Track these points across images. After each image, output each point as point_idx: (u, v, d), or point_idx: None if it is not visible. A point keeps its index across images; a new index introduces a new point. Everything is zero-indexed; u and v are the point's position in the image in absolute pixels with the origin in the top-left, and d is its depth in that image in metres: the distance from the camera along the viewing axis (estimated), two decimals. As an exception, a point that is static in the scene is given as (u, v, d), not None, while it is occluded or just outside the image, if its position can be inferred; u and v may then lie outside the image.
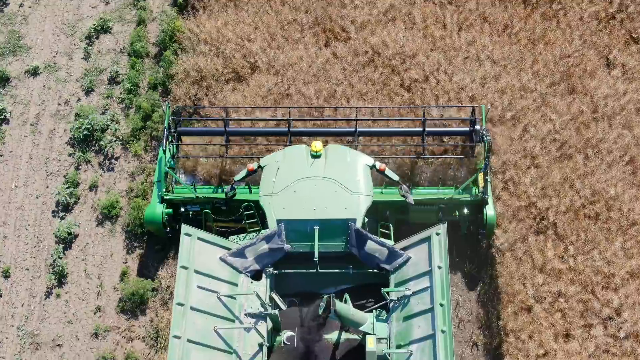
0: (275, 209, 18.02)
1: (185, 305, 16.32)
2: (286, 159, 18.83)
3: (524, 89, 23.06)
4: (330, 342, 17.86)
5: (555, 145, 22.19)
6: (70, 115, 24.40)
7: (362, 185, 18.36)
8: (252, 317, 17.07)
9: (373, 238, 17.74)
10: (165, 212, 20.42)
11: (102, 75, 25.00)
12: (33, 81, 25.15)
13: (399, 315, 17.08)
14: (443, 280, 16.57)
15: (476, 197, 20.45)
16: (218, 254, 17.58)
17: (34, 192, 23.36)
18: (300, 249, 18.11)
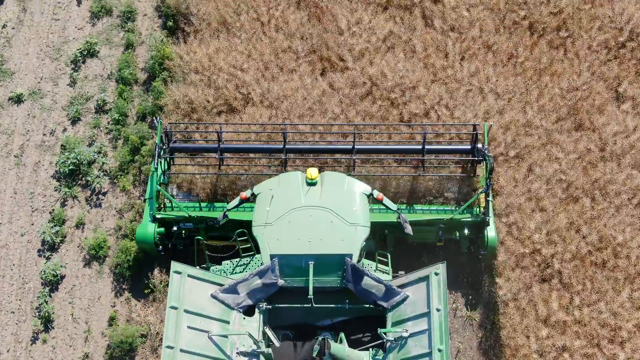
0: (269, 240, 17.44)
1: (174, 348, 15.82)
2: (281, 187, 18.20)
3: (529, 124, 22.08)
4: None
5: (561, 187, 21.28)
6: (55, 147, 23.38)
7: (359, 216, 17.76)
8: (245, 356, 16.65)
9: (370, 275, 17.21)
10: (157, 231, 19.94)
11: (88, 103, 23.95)
12: (17, 109, 24.09)
13: (395, 357, 16.63)
14: (442, 324, 16.06)
15: (477, 217, 19.95)
16: (209, 291, 17.02)
17: (18, 229, 22.42)
18: (295, 284, 17.61)
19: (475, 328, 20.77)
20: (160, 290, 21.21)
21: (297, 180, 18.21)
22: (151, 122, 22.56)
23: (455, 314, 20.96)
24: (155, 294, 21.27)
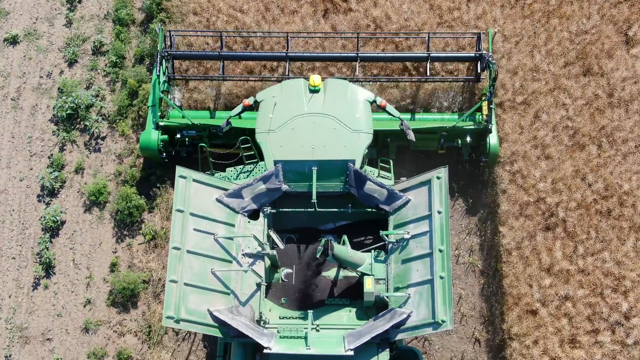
0: (273, 147, 17.28)
1: (181, 249, 15.77)
2: (283, 94, 17.85)
3: (537, 69, 21.48)
4: (329, 279, 17.50)
5: (567, 134, 20.82)
6: (53, 90, 22.79)
7: (362, 123, 17.47)
8: (250, 257, 16.65)
9: (372, 179, 17.10)
10: (161, 138, 20.05)
11: (85, 44, 23.25)
12: (13, 51, 23.41)
13: (397, 258, 16.66)
14: (443, 226, 15.97)
15: (479, 125, 19.94)
16: (214, 195, 16.88)
17: (17, 174, 22.03)
18: (298, 189, 17.49)
19: (477, 275, 20.58)
20: (161, 236, 20.95)
21: (300, 87, 17.88)
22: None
23: (457, 261, 20.77)
24: (156, 240, 20.98)
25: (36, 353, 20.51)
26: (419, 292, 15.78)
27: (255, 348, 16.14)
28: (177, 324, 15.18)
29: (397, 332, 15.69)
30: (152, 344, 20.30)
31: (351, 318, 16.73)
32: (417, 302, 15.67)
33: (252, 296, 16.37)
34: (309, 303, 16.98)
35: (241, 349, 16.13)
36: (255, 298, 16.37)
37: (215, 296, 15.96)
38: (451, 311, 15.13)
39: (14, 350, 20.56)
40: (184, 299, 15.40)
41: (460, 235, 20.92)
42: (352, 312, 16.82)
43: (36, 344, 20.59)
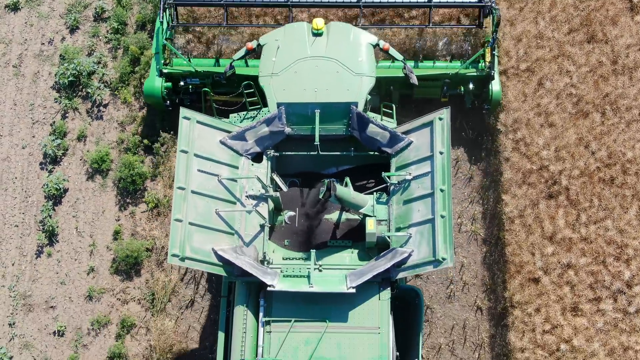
0: (276, 90, 17.23)
1: (186, 189, 15.86)
2: (286, 37, 17.71)
3: (541, 36, 21.18)
4: (331, 221, 17.60)
5: (571, 101, 20.59)
6: (54, 57, 22.52)
7: (364, 66, 17.35)
8: (254, 199, 16.78)
9: (375, 122, 17.06)
10: (165, 85, 20.06)
11: (86, 10, 22.93)
12: (14, 17, 23.11)
13: (399, 199, 16.71)
14: (444, 166, 15.96)
15: (482, 72, 19.79)
16: (218, 137, 16.93)
17: (19, 141, 21.86)
18: (301, 132, 17.50)
19: (479, 243, 20.48)
20: (164, 204, 20.83)
21: (303, 30, 17.73)
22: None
23: (459, 229, 20.65)
24: (159, 209, 20.86)
25: (40, 321, 20.51)
26: (420, 231, 15.86)
27: (258, 287, 16.19)
28: (182, 262, 15.38)
29: (398, 271, 15.82)
30: (156, 312, 20.26)
31: (353, 259, 16.88)
32: (418, 242, 15.77)
33: (255, 237, 16.51)
34: (311, 245, 17.08)
35: (245, 288, 16.16)
36: (259, 239, 16.52)
37: (219, 236, 16.09)
38: (452, 249, 15.24)
39: (17, 318, 20.55)
40: (188, 237, 15.53)
41: (462, 204, 20.78)
42: (354, 254, 16.96)
43: (39, 312, 20.58)
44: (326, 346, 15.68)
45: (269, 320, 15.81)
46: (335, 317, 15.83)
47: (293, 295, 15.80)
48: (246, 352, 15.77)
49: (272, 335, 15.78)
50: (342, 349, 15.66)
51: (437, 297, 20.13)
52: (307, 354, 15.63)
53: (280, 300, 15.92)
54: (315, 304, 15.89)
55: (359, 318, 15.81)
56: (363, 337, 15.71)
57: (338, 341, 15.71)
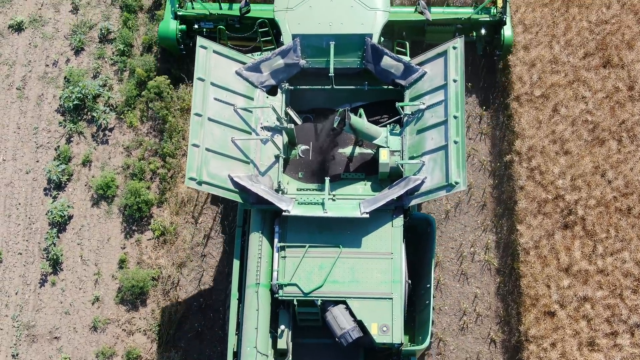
0: (291, 23, 17.13)
1: (202, 116, 15.74)
2: None
3: (555, 60, 20.15)
4: (344, 155, 17.42)
5: (587, 128, 19.55)
6: (59, 79, 21.44)
7: (378, 0, 17.29)
8: (268, 130, 16.68)
9: (389, 53, 16.86)
10: (179, 28, 19.79)
11: (92, 31, 21.84)
12: (18, 38, 22.02)
13: (412, 129, 16.49)
14: (458, 93, 15.74)
15: (494, 17, 19.29)
16: (234, 68, 16.74)
17: (23, 166, 20.80)
18: (316, 65, 17.34)
19: (493, 273, 19.45)
20: (171, 232, 19.77)
21: None
22: None
23: (473, 258, 19.61)
24: (165, 236, 19.80)
25: (43, 352, 19.48)
26: (433, 158, 15.67)
27: (273, 215, 16.13)
28: (199, 185, 15.27)
29: (411, 198, 15.77)
30: (162, 343, 19.21)
31: (366, 190, 16.78)
32: (432, 168, 15.60)
33: (270, 167, 16.41)
34: (325, 177, 16.78)
35: (260, 216, 16.06)
36: (273, 169, 16.41)
37: (235, 163, 15.96)
38: (464, 173, 15.09)
39: (21, 349, 19.54)
40: (205, 163, 15.41)
41: (475, 232, 19.73)
42: (367, 185, 16.87)
43: (43, 343, 19.55)
44: (340, 271, 15.66)
45: (284, 245, 15.80)
46: (348, 243, 15.82)
47: (307, 221, 15.77)
48: (261, 277, 15.69)
49: (286, 260, 15.77)
50: (355, 273, 15.64)
51: (449, 329, 19.07)
52: (321, 278, 15.59)
53: (294, 227, 15.90)
54: (329, 230, 15.87)
55: (372, 244, 15.80)
56: (376, 262, 15.69)
57: (351, 266, 15.68)
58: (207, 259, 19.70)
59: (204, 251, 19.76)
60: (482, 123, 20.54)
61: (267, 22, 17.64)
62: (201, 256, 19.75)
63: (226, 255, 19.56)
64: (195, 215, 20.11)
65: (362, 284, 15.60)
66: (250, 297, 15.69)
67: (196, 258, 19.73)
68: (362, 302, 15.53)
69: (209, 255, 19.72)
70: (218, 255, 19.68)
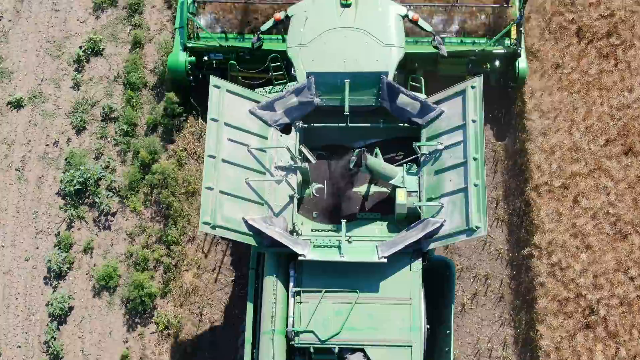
0: (304, 60, 16.56)
1: (216, 158, 15.22)
2: (315, 8, 16.98)
3: (575, 148, 19.12)
4: (360, 194, 16.80)
5: (608, 221, 18.53)
6: (59, 159, 20.37)
7: (394, 37, 16.65)
8: (282, 170, 16.19)
9: (405, 91, 16.26)
10: (189, 60, 19.24)
11: (94, 109, 20.77)
12: (17, 115, 20.94)
13: (430, 169, 15.89)
14: (477, 134, 15.17)
15: (509, 49, 18.76)
16: (247, 107, 16.25)
17: (22, 253, 19.75)
18: (331, 103, 16.73)
19: None
20: (175, 325, 18.69)
21: (332, 1, 16.97)
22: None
23: (490, 355, 18.55)
24: (169, 330, 18.74)
25: None
26: (453, 201, 15.10)
27: (288, 259, 15.53)
28: (213, 230, 14.76)
29: (430, 241, 15.16)
30: None
31: (383, 231, 16.15)
32: (451, 211, 15.01)
33: (284, 208, 15.93)
34: (340, 217, 16.22)
35: (274, 259, 15.46)
36: (288, 210, 15.94)
37: (249, 205, 15.49)
38: (485, 218, 14.48)
39: None
40: (219, 206, 14.92)
41: (493, 326, 18.71)
42: (384, 226, 16.23)
43: None
44: (357, 317, 15.04)
45: (300, 290, 15.19)
46: (366, 288, 15.19)
47: (323, 265, 15.16)
48: (276, 323, 15.12)
49: (302, 305, 15.15)
50: (373, 320, 15.03)
51: None
52: (338, 324, 14.97)
53: (310, 271, 15.31)
54: (346, 275, 15.24)
55: (390, 289, 15.20)
56: (394, 308, 15.09)
57: (369, 312, 15.08)
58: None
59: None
60: (499, 208, 19.48)
61: (279, 57, 17.06)
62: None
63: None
64: (200, 306, 19.06)
65: (380, 330, 14.94)
66: (266, 344, 15.05)
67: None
68: (380, 350, 14.89)
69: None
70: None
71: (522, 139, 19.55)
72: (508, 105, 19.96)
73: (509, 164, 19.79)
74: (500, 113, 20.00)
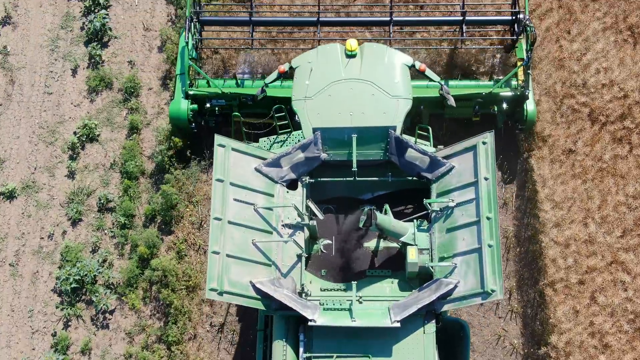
0: (310, 114, 16.08)
1: (222, 220, 14.79)
2: (319, 60, 16.52)
3: (591, 240, 18.17)
4: (369, 250, 16.26)
5: (627, 319, 17.67)
6: (55, 254, 19.43)
7: (401, 88, 16.17)
8: (290, 228, 15.66)
9: (414, 146, 15.79)
10: (190, 107, 18.72)
11: (90, 199, 19.80)
12: (10, 207, 19.97)
13: (441, 227, 15.34)
14: (490, 192, 14.66)
15: (516, 91, 18.30)
16: (253, 164, 15.81)
17: (18, 354, 18.89)
18: (337, 158, 16.26)
19: None
20: None
21: (336, 52, 16.54)
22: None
23: None
24: None
25: None
26: (466, 261, 14.57)
27: (297, 321, 14.95)
28: (221, 296, 14.27)
29: (443, 303, 14.53)
30: None
31: (394, 289, 15.64)
32: (464, 272, 14.48)
33: (292, 268, 15.41)
34: (349, 274, 15.86)
35: (283, 322, 14.87)
36: (296, 270, 15.42)
37: (257, 268, 14.98)
38: (501, 281, 13.93)
39: None
40: (226, 270, 14.46)
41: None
42: (395, 284, 15.71)
43: None
44: None
45: (310, 356, 14.57)
46: (378, 352, 14.64)
47: (334, 329, 14.57)
48: None
49: None
50: None
51: None
52: None
53: (320, 335, 14.75)
54: (357, 338, 14.66)
55: (403, 352, 14.60)
56: None
57: None
58: None
59: None
60: (512, 300, 18.58)
61: (283, 107, 16.60)
62: None
63: None
64: (204, 410, 18.18)
65: None
66: None
67: None
68: None
69: None
70: None
71: (535, 227, 18.67)
72: (521, 187, 19.11)
73: (521, 251, 18.92)
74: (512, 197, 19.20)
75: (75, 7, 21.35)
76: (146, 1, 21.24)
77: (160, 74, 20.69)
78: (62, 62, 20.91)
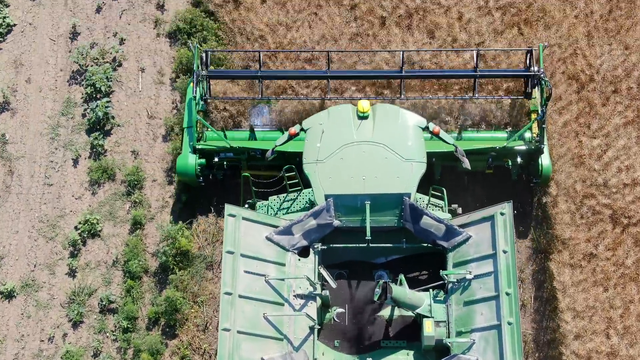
0: (322, 179, 15.80)
1: (233, 294, 14.59)
2: (331, 121, 16.28)
3: (614, 354, 17.32)
4: (383, 318, 16.02)
5: None
6: (55, 358, 18.62)
7: (414, 151, 15.95)
8: (302, 298, 15.31)
9: (429, 214, 15.52)
10: (198, 162, 18.23)
11: (91, 299, 18.94)
12: (8, 307, 19.11)
13: (458, 299, 15.05)
14: (509, 266, 14.44)
15: (531, 145, 17.81)
16: (264, 233, 15.56)
17: None
18: (350, 224, 15.98)
19: None
20: None
21: (348, 113, 16.27)
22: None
23: None
24: None
25: None
26: (485, 337, 14.30)
27: None
28: None
29: None
30: None
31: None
32: (483, 349, 14.20)
33: (304, 340, 15.01)
34: (363, 345, 15.57)
35: None
36: (308, 342, 15.02)
37: (268, 343, 14.68)
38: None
39: None
40: (237, 348, 14.19)
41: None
42: (410, 356, 15.40)
43: None
44: None
45: None
46: None
47: None
48: None
49: None
50: None
51: None
52: None
53: None
54: None
55: None
56: None
57: None
58: None
59: None
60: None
61: (293, 167, 16.07)
62: None
63: None
64: None
65: None
66: None
67: None
68: None
69: None
70: None
71: (553, 333, 17.80)
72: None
73: (540, 356, 18.02)
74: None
75: (77, 92, 20.43)
76: (150, 87, 20.33)
77: (165, 165, 19.76)
78: (62, 151, 19.99)
